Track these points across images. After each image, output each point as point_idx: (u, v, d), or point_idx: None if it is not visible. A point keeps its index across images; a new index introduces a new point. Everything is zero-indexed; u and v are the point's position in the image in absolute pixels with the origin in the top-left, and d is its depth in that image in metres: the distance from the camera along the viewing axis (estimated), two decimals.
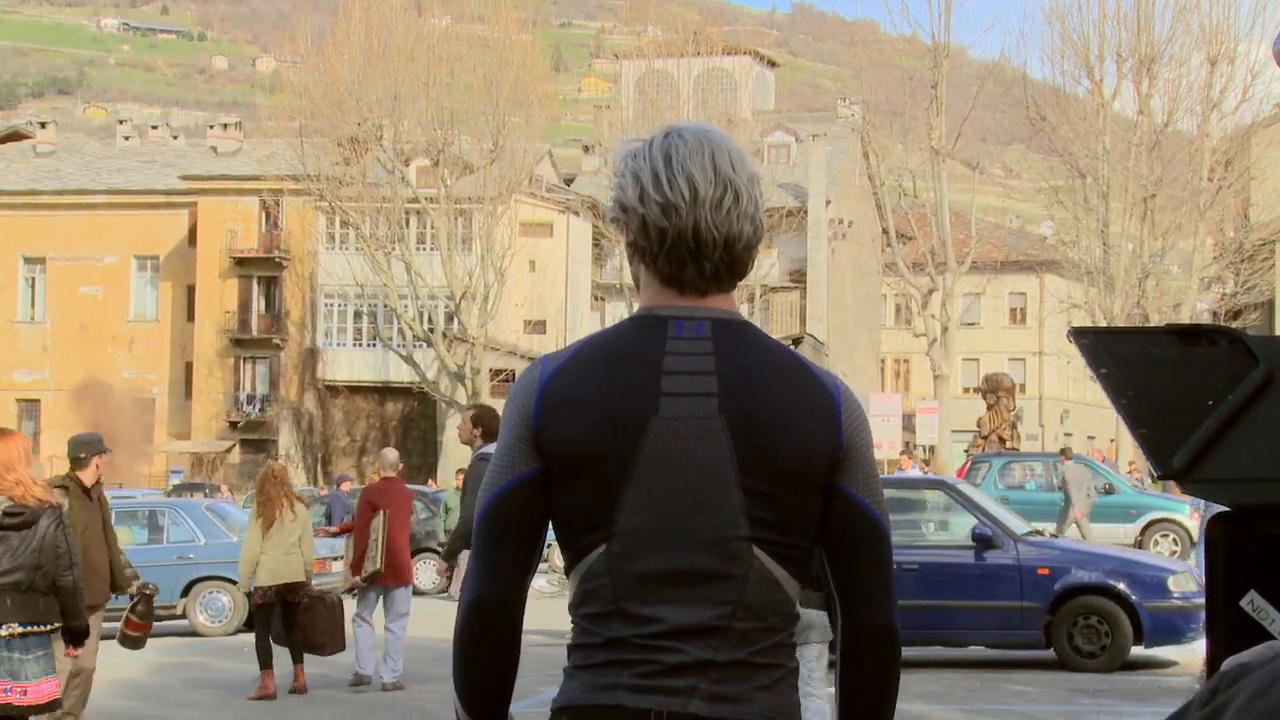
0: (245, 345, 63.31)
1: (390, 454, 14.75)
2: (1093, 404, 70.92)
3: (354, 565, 13.66)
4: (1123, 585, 14.68)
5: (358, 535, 13.65)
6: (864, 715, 2.70)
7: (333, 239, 60.14)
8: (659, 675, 2.58)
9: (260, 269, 63.27)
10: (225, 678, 14.84)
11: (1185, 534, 27.65)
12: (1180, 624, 14.69)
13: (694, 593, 2.61)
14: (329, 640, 13.71)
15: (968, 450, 39.52)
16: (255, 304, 63.53)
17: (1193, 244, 50.15)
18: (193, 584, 20.05)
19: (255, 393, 63.58)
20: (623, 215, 2.75)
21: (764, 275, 58.42)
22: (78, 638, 8.80)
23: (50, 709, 8.72)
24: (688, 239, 2.67)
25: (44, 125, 74.53)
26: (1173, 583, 14.77)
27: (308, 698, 13.57)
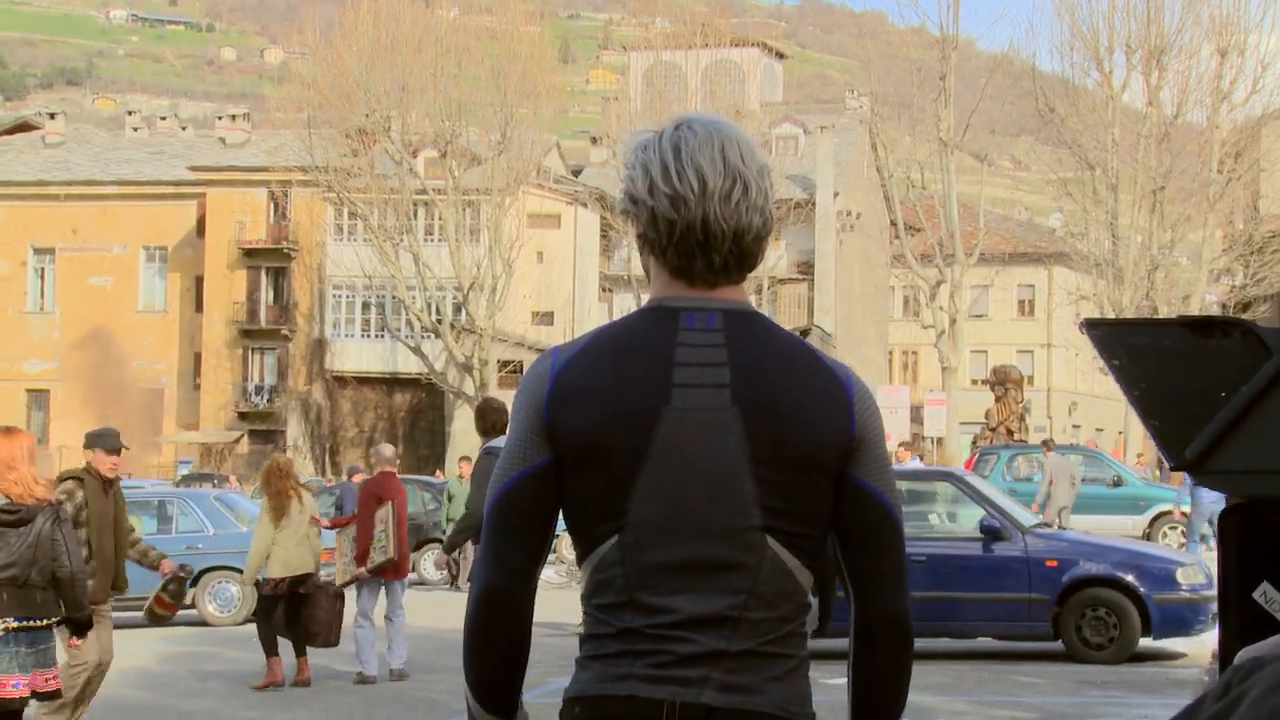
0: (253, 336, 63.37)
1: (387, 449, 14.62)
2: (1101, 396, 70.83)
3: (359, 557, 13.60)
4: (1131, 577, 14.66)
5: (363, 528, 13.59)
6: (876, 704, 2.70)
7: (341, 230, 60.15)
8: (672, 665, 2.58)
9: (268, 260, 63.31)
10: (234, 667, 14.85)
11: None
12: (1189, 616, 14.67)
13: (707, 583, 2.61)
14: (324, 631, 13.65)
15: (975, 441, 39.53)
16: (263, 295, 63.58)
17: (1202, 236, 50.04)
18: (201, 574, 20.04)
19: (263, 383, 63.64)
20: (632, 207, 2.73)
21: (772, 267, 58.35)
22: (79, 628, 8.86)
23: (50, 699, 8.76)
24: (696, 231, 2.66)
25: (53, 116, 74.60)
26: (1181, 575, 14.75)
27: (315, 689, 13.58)
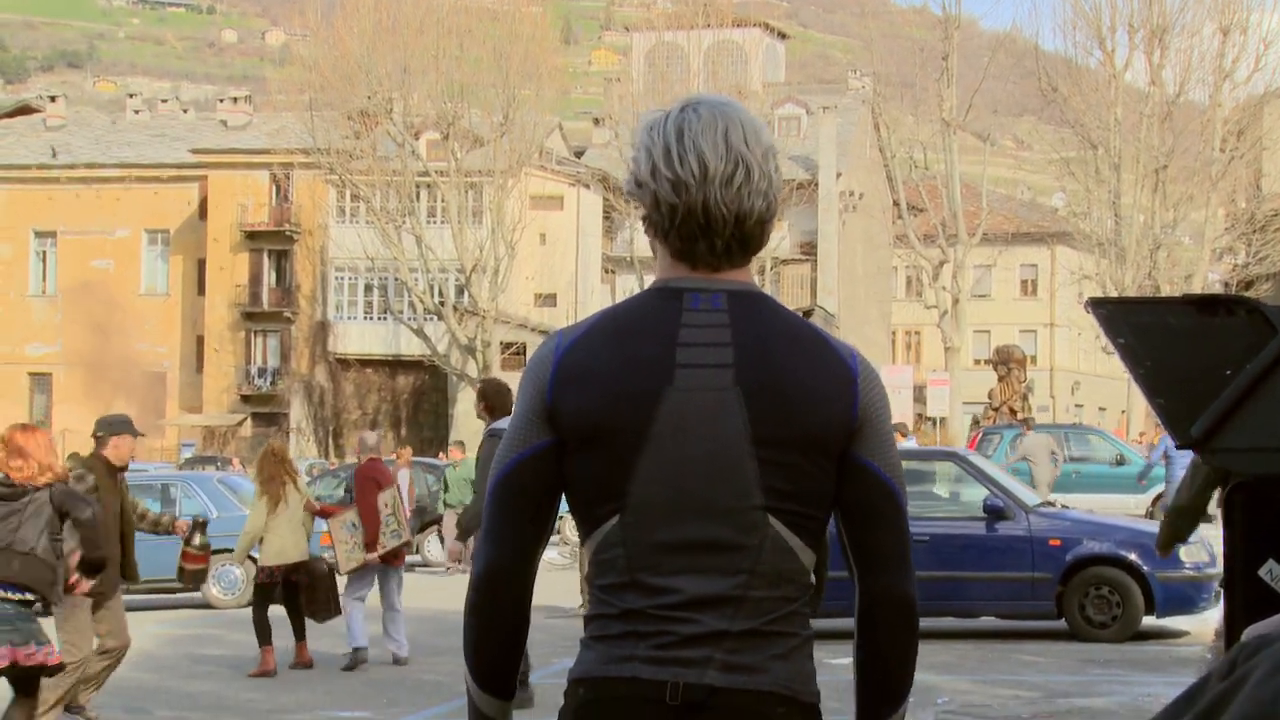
0: (256, 319, 63.37)
1: (371, 436, 14.55)
2: (1104, 375, 70.80)
3: (369, 543, 13.53)
4: (1134, 556, 14.65)
5: (369, 512, 13.52)
6: (880, 684, 2.69)
7: (343, 212, 60.12)
8: (674, 646, 2.58)
9: (271, 242, 63.29)
10: (238, 650, 14.86)
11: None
12: (1192, 594, 14.67)
13: (709, 563, 2.60)
14: (324, 608, 13.66)
15: (978, 421, 39.50)
16: (266, 277, 63.57)
17: (1204, 215, 50.00)
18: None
19: (266, 366, 63.66)
20: (637, 190, 2.72)
21: (775, 248, 58.28)
22: (92, 570, 8.99)
23: (40, 674, 8.78)
24: (698, 215, 2.65)
25: (54, 99, 74.57)
26: (1184, 553, 14.71)
27: (318, 671, 13.59)
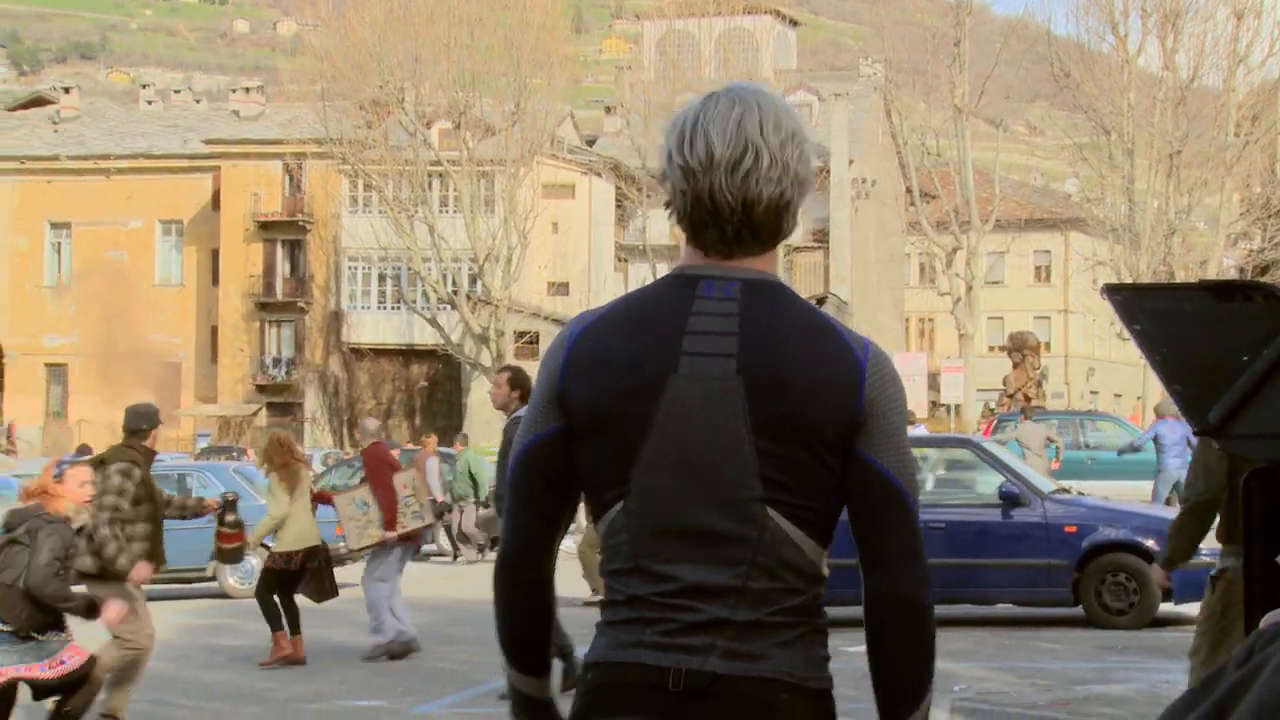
0: (270, 309, 63.47)
1: (371, 423, 14.83)
2: (1119, 361, 70.67)
3: (388, 522, 13.57)
4: (1151, 542, 14.58)
5: (387, 494, 13.57)
6: (891, 684, 2.64)
7: (356, 202, 60.18)
8: (678, 634, 2.59)
9: (284, 232, 63.36)
10: (255, 640, 14.89)
11: None
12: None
13: (709, 552, 2.61)
14: (327, 590, 13.72)
15: (993, 408, 39.47)
16: (279, 267, 63.66)
17: (1219, 200, 49.84)
18: None
19: (281, 356, 63.77)
20: (662, 178, 2.75)
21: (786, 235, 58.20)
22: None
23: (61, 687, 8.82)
24: (705, 202, 2.66)
25: (67, 90, 74.66)
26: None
27: (334, 660, 13.62)
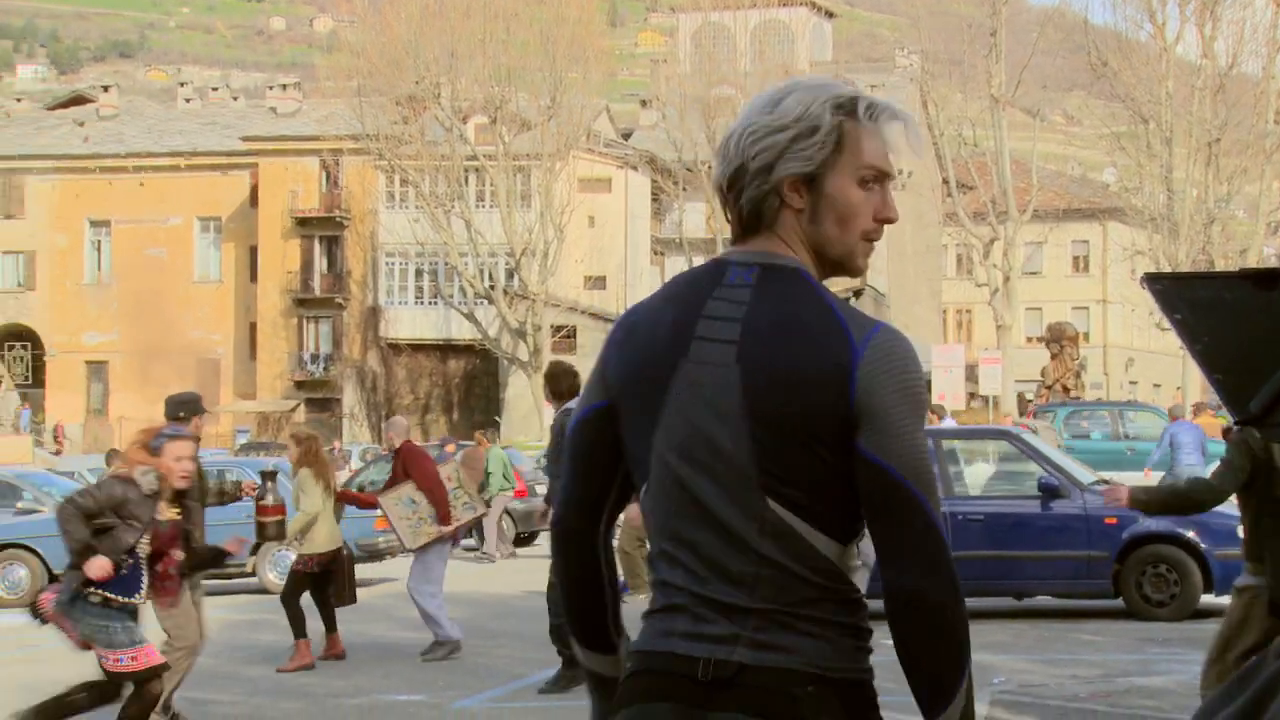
0: (308, 305, 63.67)
1: (402, 421, 14.62)
2: (1158, 351, 70.30)
3: (443, 518, 13.48)
4: (1192, 533, 14.55)
5: (438, 489, 13.48)
6: (918, 680, 2.58)
7: (392, 197, 60.30)
8: (705, 623, 2.60)
9: (321, 229, 63.54)
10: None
11: None
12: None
13: (720, 538, 2.61)
14: (349, 592, 13.69)
15: (1031, 400, 39.34)
16: (317, 263, 63.84)
17: (1259, 188, 49.57)
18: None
19: (319, 352, 63.96)
20: None
21: None
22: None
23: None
24: (721, 189, 2.72)
25: (106, 89, 75.09)
26: (1242, 530, 14.61)
27: (375, 656, 13.64)
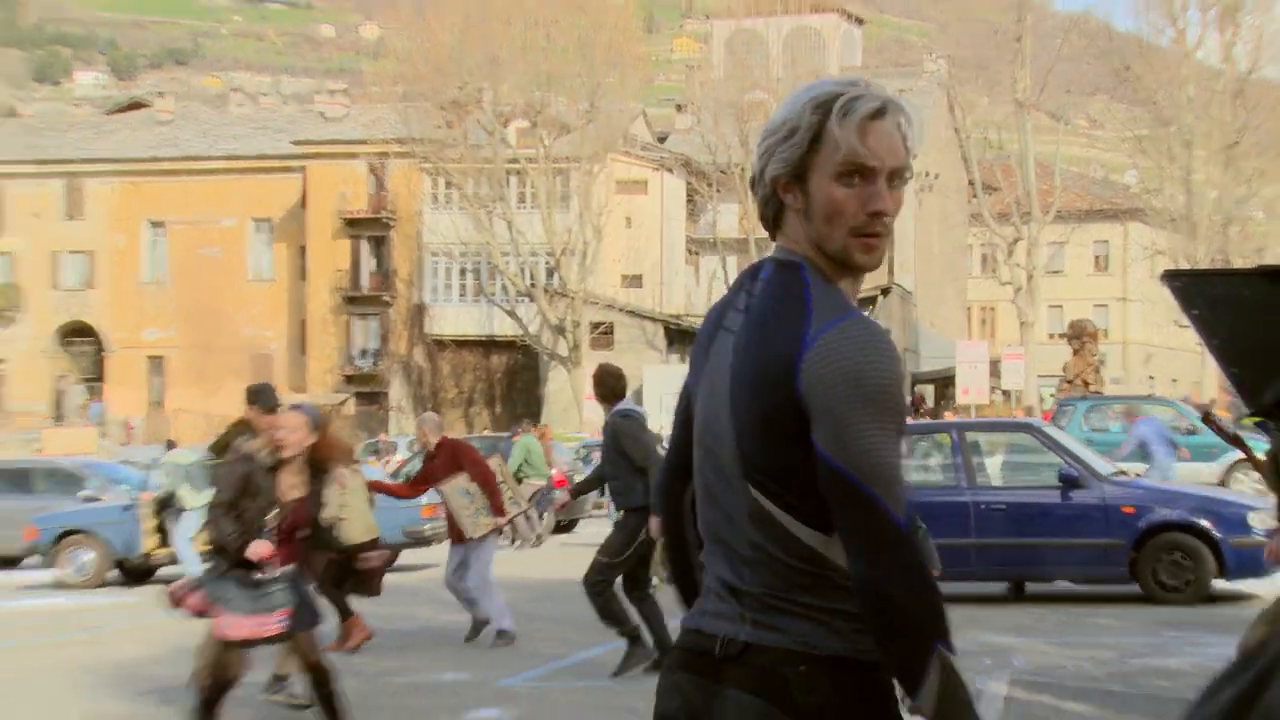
0: (356, 302, 63.86)
1: (434, 417, 14.33)
2: (1177, 348, 69.98)
3: (497, 509, 13.36)
4: (1205, 522, 14.56)
5: (490, 480, 13.42)
6: (885, 666, 2.54)
7: (437, 199, 60.42)
8: (722, 603, 2.67)
9: (369, 229, 63.71)
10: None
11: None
12: (1262, 558, 14.53)
13: (726, 524, 2.67)
14: (378, 584, 13.31)
15: (1053, 394, 39.20)
16: (365, 262, 64.02)
17: (1277, 190, 49.26)
18: None
19: (367, 347, 64.15)
20: None
21: None
22: None
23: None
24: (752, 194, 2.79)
25: (162, 95, 75.52)
26: (1254, 518, 14.62)
27: (422, 637, 13.72)
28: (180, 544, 20.43)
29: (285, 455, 8.45)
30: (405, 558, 20.62)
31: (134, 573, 20.98)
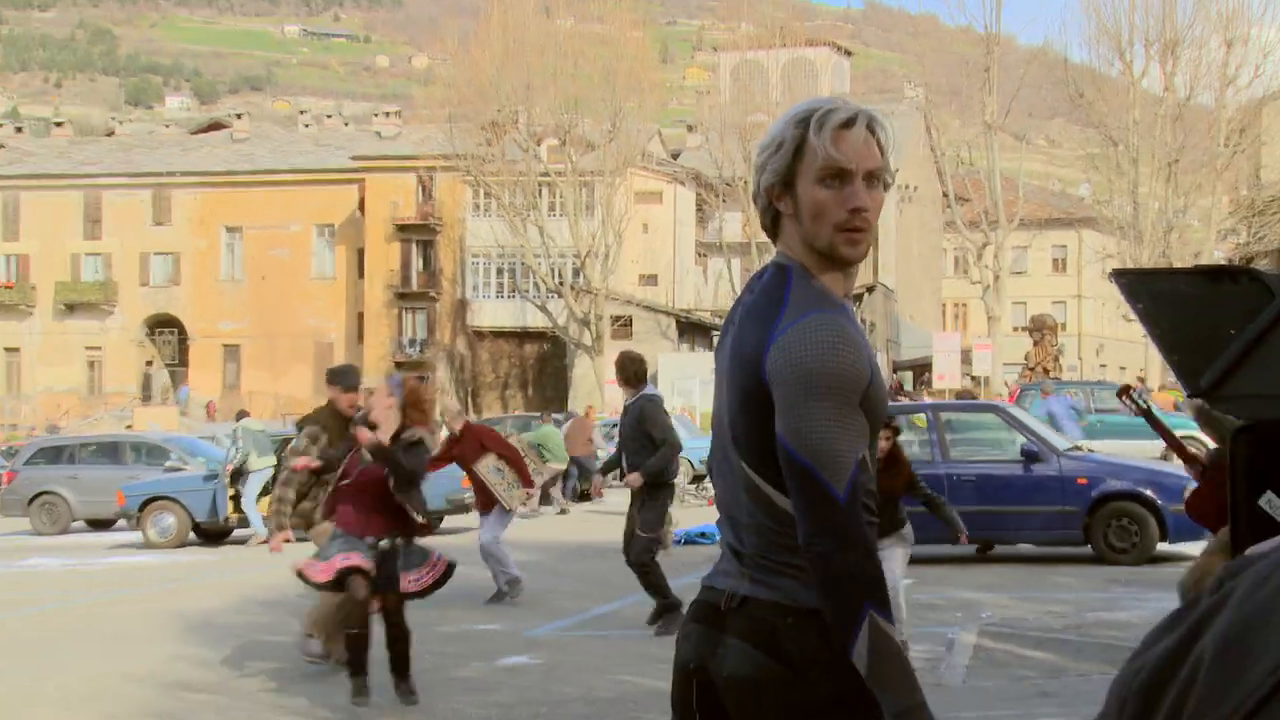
0: (407, 298, 63.87)
1: (453, 404, 14.39)
2: (1124, 339, 69.78)
3: (525, 481, 13.21)
4: (1150, 491, 14.50)
5: (515, 456, 13.27)
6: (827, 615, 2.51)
7: (478, 207, 60.40)
8: (728, 562, 2.69)
9: (418, 234, 63.70)
10: None
11: (1204, 447, 26.99)
12: (1199, 524, 14.45)
13: (729, 496, 2.69)
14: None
15: (1019, 381, 39.10)
16: (414, 263, 64.02)
17: (1211, 201, 49.10)
18: None
19: (415, 337, 64.19)
20: None
21: None
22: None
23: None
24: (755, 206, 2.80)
25: (239, 117, 75.47)
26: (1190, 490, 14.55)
27: (456, 592, 13.68)
28: (248, 507, 20.45)
29: (381, 426, 8.08)
30: (447, 522, 20.61)
31: (210, 535, 21.01)
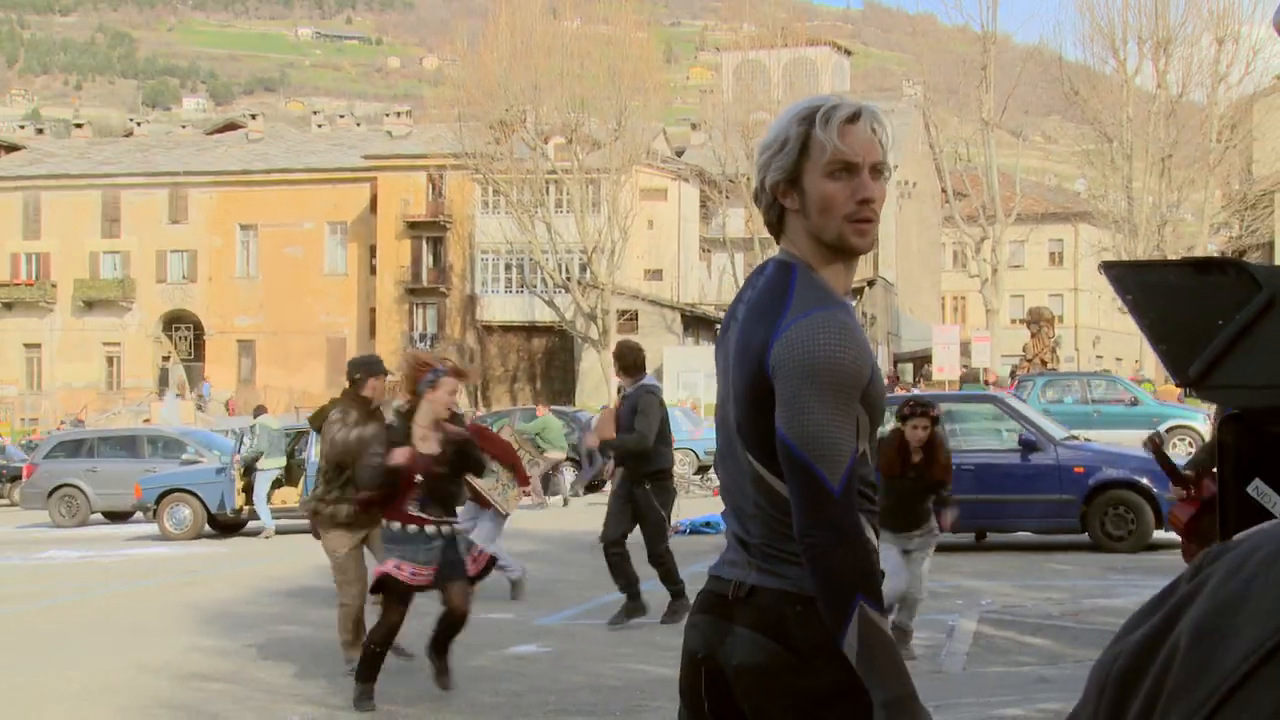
0: (417, 294, 63.88)
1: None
2: (1120, 331, 69.64)
3: (521, 480, 13.08)
4: (1145, 480, 14.46)
5: (510, 456, 13.16)
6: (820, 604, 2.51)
7: (487, 205, 60.39)
8: (734, 552, 2.67)
9: (428, 231, 63.70)
10: None
11: (1199, 437, 27.01)
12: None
13: (735, 487, 2.68)
14: None
15: (1014, 371, 39.06)
16: (425, 259, 64.03)
17: (1203, 196, 48.99)
18: None
19: (426, 332, 64.21)
20: None
21: None
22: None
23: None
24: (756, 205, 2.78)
25: (254, 117, 75.50)
26: (1170, 492, 14.49)
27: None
28: (259, 503, 20.45)
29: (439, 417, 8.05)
30: None
31: (224, 526, 21.01)
